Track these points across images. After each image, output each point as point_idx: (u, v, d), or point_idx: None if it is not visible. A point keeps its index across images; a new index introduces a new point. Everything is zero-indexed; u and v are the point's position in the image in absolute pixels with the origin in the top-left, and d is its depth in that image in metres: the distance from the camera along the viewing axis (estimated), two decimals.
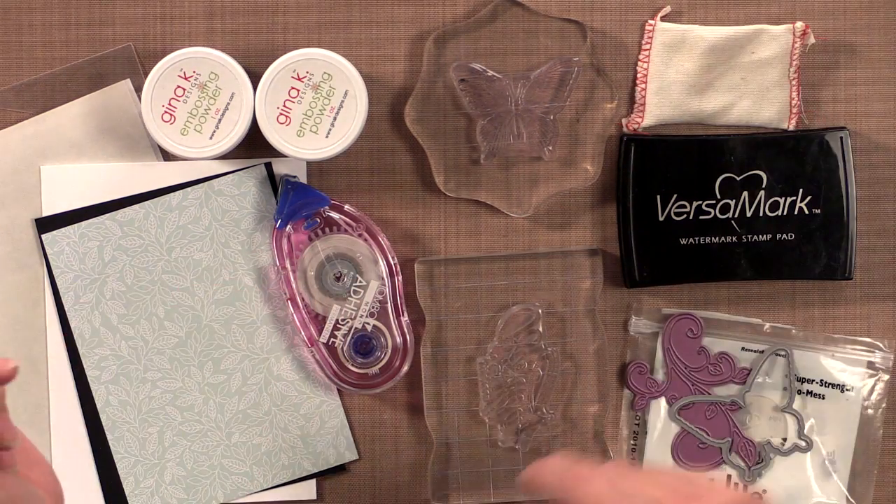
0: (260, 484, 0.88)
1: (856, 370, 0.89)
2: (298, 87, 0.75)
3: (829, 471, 0.89)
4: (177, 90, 0.71)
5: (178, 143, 0.70)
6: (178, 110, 0.71)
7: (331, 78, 0.74)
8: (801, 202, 0.88)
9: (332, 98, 0.75)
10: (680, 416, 0.89)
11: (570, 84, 0.88)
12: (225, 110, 0.70)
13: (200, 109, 0.70)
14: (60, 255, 0.86)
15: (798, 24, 0.88)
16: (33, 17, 0.88)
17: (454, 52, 0.88)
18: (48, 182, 0.87)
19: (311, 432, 0.88)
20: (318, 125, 0.75)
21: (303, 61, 0.76)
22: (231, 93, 0.71)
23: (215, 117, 0.71)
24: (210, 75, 0.70)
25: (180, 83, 0.71)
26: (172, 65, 0.72)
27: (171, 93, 0.71)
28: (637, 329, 0.89)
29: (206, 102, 0.70)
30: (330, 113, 0.74)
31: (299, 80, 0.76)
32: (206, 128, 0.71)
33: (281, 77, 0.76)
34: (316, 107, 0.75)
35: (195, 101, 0.71)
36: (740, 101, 0.89)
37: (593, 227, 0.90)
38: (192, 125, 0.70)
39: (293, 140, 0.77)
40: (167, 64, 0.72)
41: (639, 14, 0.89)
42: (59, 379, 0.87)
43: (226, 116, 0.70)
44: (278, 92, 0.76)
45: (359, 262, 0.86)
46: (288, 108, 0.77)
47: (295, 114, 0.76)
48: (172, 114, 0.71)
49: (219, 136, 0.70)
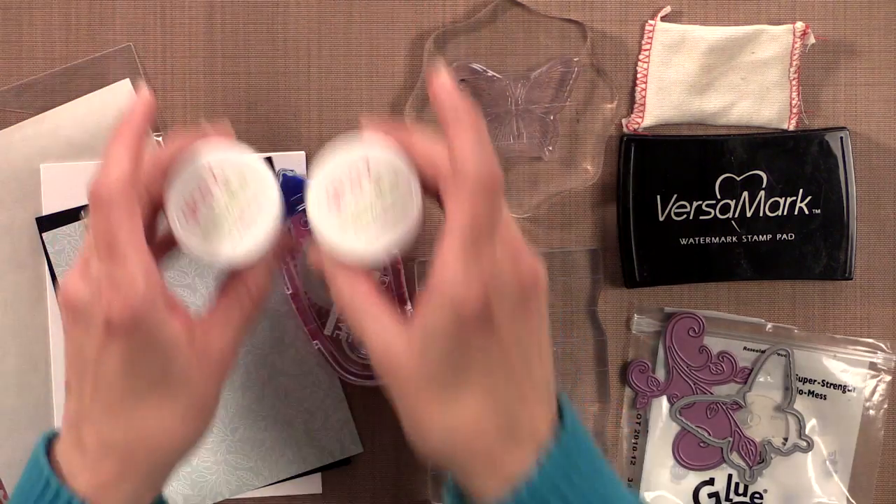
0: (265, 479, 0.88)
1: (857, 371, 0.89)
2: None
3: (829, 471, 0.89)
4: (203, 188, 0.69)
5: (201, 244, 0.68)
6: (202, 208, 0.69)
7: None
8: (801, 202, 0.88)
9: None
10: (681, 416, 0.89)
11: (570, 84, 0.88)
12: (249, 217, 0.68)
13: (225, 211, 0.68)
14: (61, 253, 0.86)
15: (798, 24, 0.88)
16: (33, 17, 0.88)
17: (454, 52, 0.89)
18: (48, 181, 0.86)
19: (315, 426, 0.88)
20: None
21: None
22: (257, 198, 0.68)
23: (239, 221, 0.69)
24: (239, 177, 0.68)
25: (207, 181, 0.69)
26: (206, 163, 0.69)
27: (198, 189, 0.68)
28: (639, 327, 0.89)
29: (231, 205, 0.68)
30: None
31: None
32: (229, 231, 0.68)
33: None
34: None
35: (221, 202, 0.68)
36: (740, 102, 0.89)
37: (593, 227, 0.90)
38: (213, 226, 0.68)
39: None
40: (200, 165, 0.69)
41: (639, 14, 0.89)
42: (61, 378, 0.87)
43: (249, 223, 0.68)
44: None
45: None
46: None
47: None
48: (196, 211, 0.68)
49: (240, 241, 0.68)
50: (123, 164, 0.63)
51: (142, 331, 0.63)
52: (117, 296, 0.62)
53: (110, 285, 0.62)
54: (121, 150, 0.64)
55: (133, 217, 0.63)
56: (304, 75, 0.88)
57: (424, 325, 0.63)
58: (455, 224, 0.61)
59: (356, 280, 0.67)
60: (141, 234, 0.64)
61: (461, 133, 0.62)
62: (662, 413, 0.89)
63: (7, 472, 0.87)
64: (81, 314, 0.65)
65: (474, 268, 0.61)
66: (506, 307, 0.63)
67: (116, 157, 0.64)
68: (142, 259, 0.63)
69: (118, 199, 0.63)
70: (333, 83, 0.88)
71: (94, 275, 0.64)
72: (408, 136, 0.68)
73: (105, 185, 0.63)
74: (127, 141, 0.65)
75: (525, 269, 0.64)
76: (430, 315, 0.62)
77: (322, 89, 0.88)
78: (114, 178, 0.63)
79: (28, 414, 0.87)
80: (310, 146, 0.88)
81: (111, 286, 0.62)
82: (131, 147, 0.64)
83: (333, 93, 0.88)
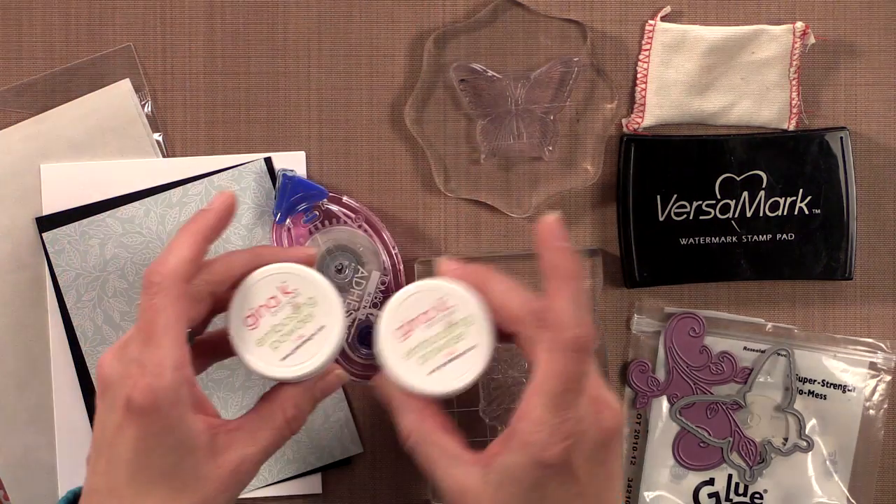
0: (265, 479, 0.88)
1: (858, 371, 0.89)
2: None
3: (829, 471, 0.89)
4: (270, 299, 0.69)
5: (251, 351, 0.68)
6: (263, 319, 0.69)
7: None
8: (801, 202, 0.88)
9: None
10: (681, 416, 0.89)
11: (570, 84, 0.88)
12: (307, 340, 0.69)
13: (286, 328, 0.69)
14: (61, 253, 0.86)
15: (798, 24, 0.88)
16: (33, 17, 0.88)
17: (454, 52, 0.88)
18: (48, 180, 0.86)
19: (315, 426, 0.88)
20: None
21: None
22: (321, 325, 0.69)
23: (296, 342, 0.69)
24: (308, 299, 0.69)
25: (276, 294, 0.69)
26: (275, 275, 0.69)
27: (264, 299, 0.69)
28: (639, 327, 0.89)
29: (293, 324, 0.69)
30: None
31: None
32: (284, 348, 0.69)
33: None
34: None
35: (283, 318, 0.69)
36: (740, 102, 0.89)
37: (593, 227, 0.90)
38: (270, 339, 0.69)
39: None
40: (270, 272, 0.69)
41: (639, 14, 0.89)
42: (61, 378, 0.87)
43: (305, 346, 0.69)
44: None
45: (360, 254, 0.86)
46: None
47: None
48: (258, 320, 0.69)
49: (292, 360, 0.68)
50: (182, 254, 0.65)
51: (159, 418, 0.63)
52: (142, 378, 0.63)
53: (139, 366, 0.64)
54: (185, 240, 0.66)
55: (177, 306, 0.65)
56: (304, 75, 0.88)
57: (504, 467, 0.65)
58: (545, 377, 0.64)
59: (424, 412, 0.69)
60: (181, 325, 0.65)
61: (563, 290, 0.65)
62: (662, 413, 0.89)
63: (7, 472, 0.87)
64: (109, 390, 0.65)
65: (558, 420, 0.63)
66: (586, 456, 0.65)
67: (178, 246, 0.66)
68: (175, 349, 0.64)
69: (167, 286, 0.64)
70: (333, 83, 0.88)
71: (129, 355, 0.65)
72: (485, 280, 0.69)
73: (158, 271, 0.65)
74: (193, 233, 0.67)
75: (607, 418, 0.66)
76: (509, 457, 0.64)
77: (322, 89, 0.88)
78: (169, 265, 0.65)
79: (28, 414, 0.87)
80: (310, 146, 0.88)
81: (139, 367, 0.64)
82: (196, 240, 0.66)
83: (333, 93, 0.88)
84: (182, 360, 0.64)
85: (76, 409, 0.87)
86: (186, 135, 0.88)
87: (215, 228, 0.68)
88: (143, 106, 0.87)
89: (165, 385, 0.63)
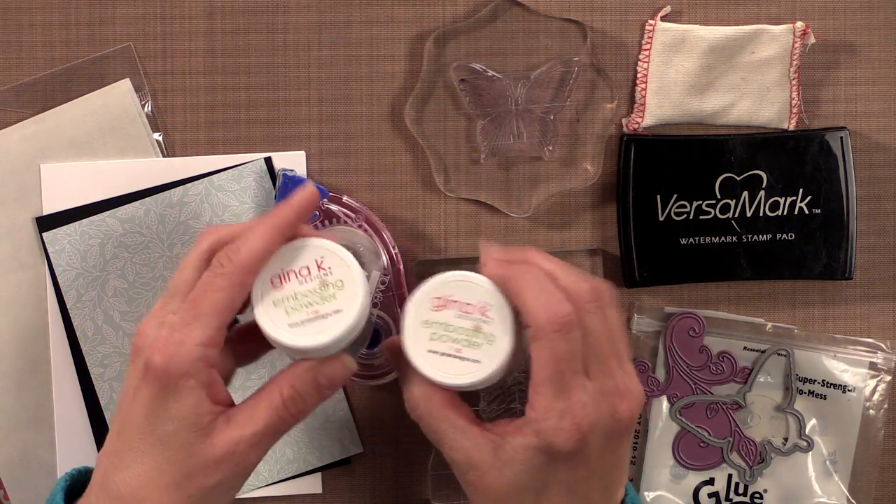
0: (265, 479, 0.88)
1: (858, 371, 0.89)
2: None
3: (830, 471, 0.89)
4: (303, 269, 0.69)
5: (266, 308, 0.68)
6: (289, 283, 0.68)
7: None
8: (801, 202, 0.88)
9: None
10: (681, 416, 0.89)
11: (570, 84, 0.88)
12: (321, 318, 0.68)
13: (309, 298, 0.68)
14: (61, 253, 0.86)
15: (798, 24, 0.88)
16: (33, 17, 0.88)
17: (454, 52, 0.88)
18: (48, 180, 0.86)
19: (315, 426, 0.88)
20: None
21: None
22: (339, 309, 0.68)
23: (310, 315, 0.68)
24: (338, 281, 0.68)
25: (311, 266, 0.69)
26: (317, 248, 0.69)
27: (297, 267, 0.69)
28: (639, 327, 0.89)
29: (314, 298, 0.69)
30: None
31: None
32: (296, 316, 0.68)
33: None
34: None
35: (308, 289, 0.68)
36: (740, 101, 0.89)
37: (593, 227, 0.90)
38: (287, 303, 0.68)
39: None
40: (314, 244, 0.69)
41: (639, 14, 0.89)
42: (62, 377, 0.87)
43: (316, 322, 0.68)
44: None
45: (360, 253, 0.86)
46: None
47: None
48: (283, 283, 0.69)
49: (299, 330, 0.68)
50: (256, 245, 0.66)
51: (169, 385, 0.65)
52: (166, 344, 0.65)
53: (169, 331, 0.65)
54: (262, 233, 0.67)
55: (233, 294, 0.66)
56: (304, 75, 0.88)
57: (515, 447, 0.66)
58: (537, 368, 0.65)
59: (432, 384, 0.69)
60: (229, 314, 0.66)
61: (520, 289, 0.66)
62: (662, 413, 0.89)
63: (7, 472, 0.87)
64: (138, 355, 0.66)
65: (563, 403, 0.65)
66: (599, 443, 0.66)
67: (255, 237, 0.66)
68: (212, 330, 0.65)
69: (231, 273, 0.65)
70: (333, 83, 0.88)
71: (167, 316, 0.66)
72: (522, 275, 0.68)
73: (230, 257, 0.66)
74: (270, 227, 0.67)
75: (623, 409, 0.67)
76: (523, 439, 0.66)
77: (322, 89, 0.88)
78: (242, 254, 0.66)
79: (28, 414, 0.87)
80: (310, 146, 0.88)
81: (169, 332, 0.65)
82: (272, 235, 0.67)
83: (333, 93, 0.88)
84: (211, 341, 0.65)
85: (76, 409, 0.87)
86: (186, 135, 0.88)
87: (293, 224, 0.68)
88: (143, 106, 0.87)
89: (184, 354, 0.64)
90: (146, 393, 0.65)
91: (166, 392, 0.65)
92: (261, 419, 0.67)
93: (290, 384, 0.68)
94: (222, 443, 0.66)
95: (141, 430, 0.66)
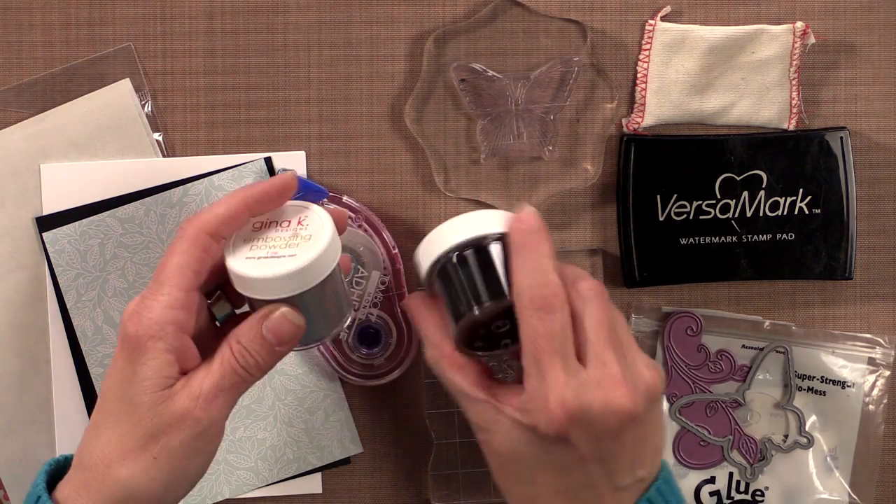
0: (265, 479, 0.88)
1: (856, 366, 0.89)
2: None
3: (830, 467, 0.89)
4: (285, 221, 0.70)
5: (235, 241, 0.69)
6: (267, 229, 0.70)
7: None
8: (801, 202, 0.88)
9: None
10: (681, 415, 0.89)
11: (570, 84, 0.88)
12: (277, 258, 0.69)
13: (275, 241, 0.69)
14: (62, 253, 0.86)
15: (798, 24, 0.88)
16: (33, 17, 0.88)
17: (454, 52, 0.88)
18: (48, 180, 0.86)
19: (315, 426, 0.88)
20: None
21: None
22: (296, 254, 0.69)
23: (268, 252, 0.69)
24: (308, 235, 0.69)
25: (293, 221, 0.70)
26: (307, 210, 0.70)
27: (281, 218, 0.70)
28: (638, 327, 0.89)
29: (279, 243, 0.69)
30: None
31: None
32: (256, 252, 0.69)
33: None
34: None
35: (278, 236, 0.69)
36: (740, 101, 0.89)
37: (593, 227, 0.90)
38: (255, 241, 0.69)
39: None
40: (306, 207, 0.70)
41: (639, 14, 0.89)
42: (62, 377, 0.87)
43: (270, 261, 0.69)
44: None
45: (360, 254, 0.86)
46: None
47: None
48: (263, 227, 0.70)
49: (251, 263, 0.68)
50: (216, 211, 0.68)
51: (138, 348, 0.66)
52: (137, 310, 0.67)
53: (140, 299, 0.67)
54: (225, 200, 0.68)
55: (189, 253, 0.67)
56: (304, 75, 0.88)
57: (511, 419, 0.68)
58: (522, 347, 0.67)
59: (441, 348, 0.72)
60: (189, 271, 0.67)
61: (518, 265, 0.68)
62: (662, 413, 0.89)
63: (7, 472, 0.87)
64: (119, 328, 0.68)
65: (543, 385, 0.66)
66: (587, 432, 0.67)
67: (217, 204, 0.68)
68: (175, 290, 0.67)
69: (187, 235, 0.67)
70: (333, 83, 0.88)
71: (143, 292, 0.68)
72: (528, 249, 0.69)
73: (189, 222, 0.68)
74: (235, 196, 0.69)
75: (619, 397, 0.67)
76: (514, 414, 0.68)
77: (322, 89, 0.88)
78: (199, 218, 0.68)
79: (28, 414, 0.87)
80: (310, 146, 0.88)
81: (140, 300, 0.67)
82: (235, 203, 0.68)
83: (333, 93, 0.88)
84: (177, 302, 0.67)
85: (76, 409, 0.87)
86: (186, 135, 0.88)
87: (260, 200, 0.70)
88: (143, 106, 0.87)
89: (151, 317, 0.66)
90: (120, 361, 0.67)
91: (136, 355, 0.66)
92: (216, 373, 0.68)
93: (237, 339, 0.69)
94: (182, 399, 0.67)
95: (115, 398, 0.67)
